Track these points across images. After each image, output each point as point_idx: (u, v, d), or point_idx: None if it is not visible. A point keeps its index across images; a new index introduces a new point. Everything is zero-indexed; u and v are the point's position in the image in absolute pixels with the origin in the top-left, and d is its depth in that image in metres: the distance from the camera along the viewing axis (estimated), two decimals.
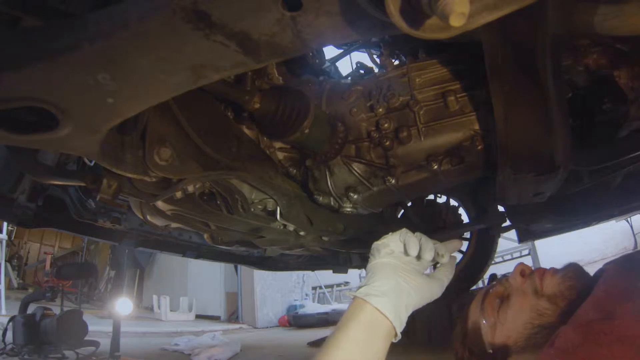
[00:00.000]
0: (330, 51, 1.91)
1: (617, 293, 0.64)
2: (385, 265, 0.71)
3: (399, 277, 0.69)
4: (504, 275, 0.87)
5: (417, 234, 0.75)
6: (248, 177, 1.04)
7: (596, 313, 0.62)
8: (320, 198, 1.19)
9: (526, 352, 0.74)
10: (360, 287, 0.71)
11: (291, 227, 1.22)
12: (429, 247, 0.72)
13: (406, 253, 0.72)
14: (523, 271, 0.82)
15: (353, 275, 8.16)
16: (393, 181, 1.09)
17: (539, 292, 0.76)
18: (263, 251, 1.49)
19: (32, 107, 0.58)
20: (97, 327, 4.42)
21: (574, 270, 0.77)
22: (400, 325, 0.66)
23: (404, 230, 0.76)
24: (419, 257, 0.72)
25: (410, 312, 0.69)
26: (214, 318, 8.25)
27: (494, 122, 0.90)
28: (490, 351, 0.79)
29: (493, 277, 0.93)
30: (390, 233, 0.76)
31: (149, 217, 1.10)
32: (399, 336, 0.66)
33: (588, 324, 0.60)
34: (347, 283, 9.76)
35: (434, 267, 0.80)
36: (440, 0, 0.38)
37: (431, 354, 2.72)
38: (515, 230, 2.05)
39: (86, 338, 3.64)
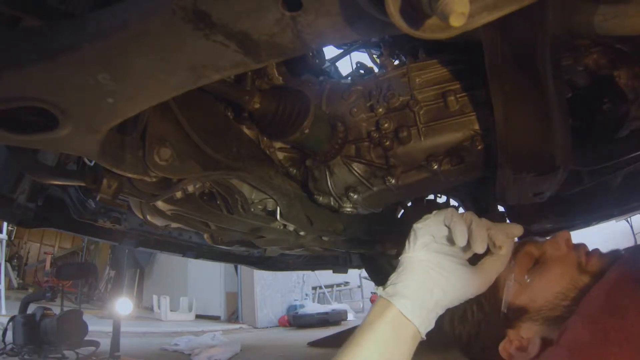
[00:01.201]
0: (330, 51, 1.91)
1: (629, 285, 0.62)
2: (419, 262, 0.65)
3: (432, 273, 0.63)
4: (533, 237, 0.81)
5: (467, 214, 0.66)
6: (248, 177, 1.04)
7: (606, 304, 0.60)
8: (320, 198, 1.19)
9: (546, 323, 0.70)
10: (389, 281, 0.66)
11: (291, 227, 1.22)
12: (481, 236, 0.63)
13: (450, 241, 0.64)
14: (569, 240, 0.77)
15: (353, 275, 8.18)
16: (393, 181, 1.09)
17: (582, 266, 0.72)
18: (263, 251, 1.49)
19: (32, 107, 0.58)
20: (97, 327, 4.42)
21: (623, 262, 0.71)
22: (426, 328, 0.62)
23: (451, 210, 0.67)
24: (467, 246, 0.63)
25: (441, 311, 0.64)
26: (214, 318, 8.25)
27: (494, 122, 0.90)
28: (505, 310, 0.75)
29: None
30: (434, 212, 0.68)
31: (149, 217, 1.10)
32: (424, 338, 0.63)
33: (597, 319, 0.59)
34: (347, 283, 9.77)
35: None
36: (440, 0, 0.38)
37: (433, 353, 2.72)
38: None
39: (86, 338, 3.64)
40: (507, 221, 1.80)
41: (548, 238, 0.81)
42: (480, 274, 0.66)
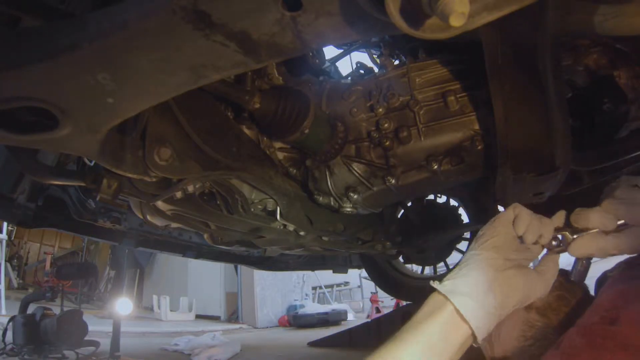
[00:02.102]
0: (330, 51, 1.91)
1: (622, 299, 0.63)
2: (485, 259, 0.61)
3: (498, 273, 0.59)
4: None
5: (531, 213, 0.64)
6: (248, 177, 1.04)
7: (601, 318, 0.61)
8: (320, 198, 1.19)
9: None
10: (447, 276, 0.61)
11: (291, 227, 1.22)
12: (548, 232, 0.62)
13: (519, 239, 0.62)
14: None
15: (353, 275, 8.17)
16: (393, 181, 1.09)
17: (526, 305, 0.74)
18: (263, 251, 1.49)
19: (32, 107, 0.58)
20: (97, 327, 4.42)
21: (560, 280, 0.74)
22: (483, 333, 0.57)
23: (518, 207, 0.64)
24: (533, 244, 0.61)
25: (502, 317, 0.60)
26: (214, 318, 8.25)
27: (494, 122, 0.90)
28: None
29: None
30: (502, 212, 0.65)
31: (149, 217, 1.10)
32: (479, 344, 0.59)
33: (592, 327, 0.60)
34: (347, 283, 9.77)
35: None
36: (440, 0, 0.38)
37: None
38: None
39: (86, 338, 3.64)
40: None
41: None
42: (538, 277, 0.64)
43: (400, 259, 2.19)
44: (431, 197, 1.88)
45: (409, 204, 1.79)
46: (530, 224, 0.63)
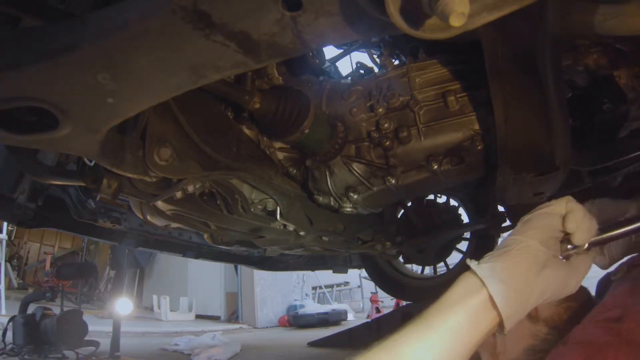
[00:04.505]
0: (330, 51, 1.91)
1: (625, 297, 0.63)
2: (527, 247, 0.57)
3: (536, 264, 0.56)
4: None
5: (586, 212, 0.61)
6: (248, 177, 1.04)
7: (606, 316, 0.62)
8: (320, 198, 1.19)
9: None
10: (485, 258, 0.58)
11: (291, 227, 1.22)
12: (592, 227, 0.60)
13: (565, 232, 0.60)
14: None
15: (353, 275, 8.17)
16: (393, 181, 1.09)
17: (533, 316, 0.73)
18: (263, 251, 1.49)
19: (32, 107, 0.58)
20: (97, 327, 4.42)
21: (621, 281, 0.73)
22: (512, 323, 0.55)
23: (572, 202, 0.61)
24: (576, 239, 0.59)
25: (529, 310, 0.57)
26: (214, 318, 8.25)
27: (494, 122, 0.90)
28: None
29: None
30: (554, 202, 0.62)
31: (149, 217, 1.10)
32: (505, 334, 0.56)
33: (597, 324, 0.61)
34: (347, 283, 9.78)
35: None
36: (440, 0, 0.38)
37: None
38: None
39: (86, 338, 3.64)
40: (507, 221, 1.80)
41: None
42: (575, 272, 0.61)
43: (400, 259, 2.20)
44: (431, 197, 1.88)
45: (409, 204, 1.79)
46: (581, 222, 0.60)
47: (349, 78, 1.33)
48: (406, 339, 0.52)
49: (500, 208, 1.82)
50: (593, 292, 0.80)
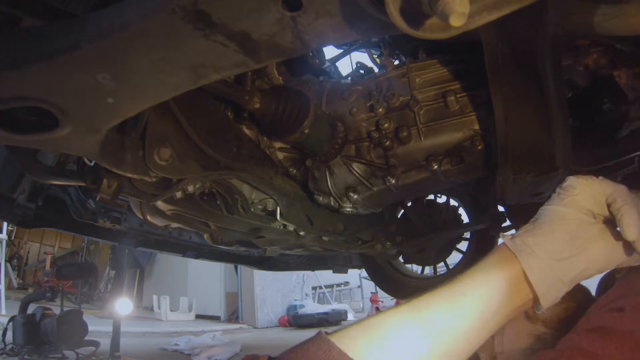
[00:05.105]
0: (330, 51, 1.91)
1: (627, 289, 0.63)
2: (563, 218, 0.52)
3: (576, 234, 0.51)
4: None
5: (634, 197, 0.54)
6: (248, 177, 1.04)
7: (608, 307, 0.62)
8: (320, 198, 1.19)
9: None
10: (520, 230, 0.54)
11: (291, 227, 1.22)
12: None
13: (607, 210, 0.53)
14: None
15: (353, 275, 8.17)
16: (393, 181, 1.09)
17: (531, 316, 0.72)
18: (263, 251, 1.48)
19: (32, 107, 0.58)
20: (97, 327, 4.42)
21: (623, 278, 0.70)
22: (550, 302, 0.51)
23: (620, 186, 0.54)
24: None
25: (572, 285, 0.52)
26: (214, 318, 8.26)
27: (494, 122, 0.90)
28: None
29: None
30: (600, 177, 0.55)
31: (149, 217, 1.10)
32: (542, 311, 0.52)
33: (600, 315, 0.61)
34: (347, 283, 9.78)
35: None
36: (440, 0, 0.38)
37: None
38: (515, 230, 2.04)
39: (86, 338, 3.64)
40: (507, 221, 1.80)
41: None
42: (619, 244, 0.54)
43: (400, 259, 2.19)
44: (431, 197, 1.88)
45: (409, 204, 1.79)
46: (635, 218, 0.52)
47: (349, 78, 1.33)
48: (436, 302, 0.50)
49: (500, 208, 1.82)
50: (593, 292, 0.80)
